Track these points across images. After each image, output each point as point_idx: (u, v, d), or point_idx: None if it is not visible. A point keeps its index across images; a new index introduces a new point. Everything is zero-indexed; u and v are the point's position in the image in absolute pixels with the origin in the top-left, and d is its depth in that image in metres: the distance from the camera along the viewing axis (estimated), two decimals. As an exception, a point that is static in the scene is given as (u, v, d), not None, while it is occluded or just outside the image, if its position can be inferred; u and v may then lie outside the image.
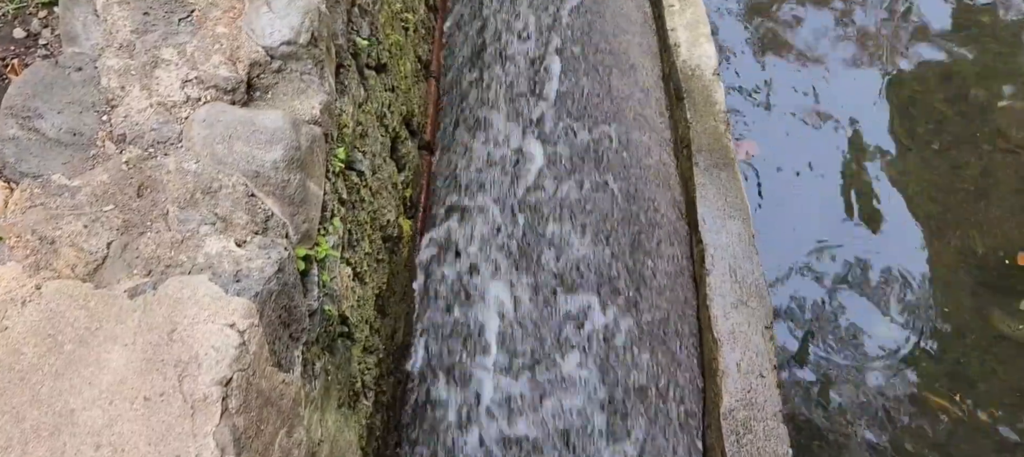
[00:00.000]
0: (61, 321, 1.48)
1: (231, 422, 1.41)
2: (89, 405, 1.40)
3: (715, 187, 3.05)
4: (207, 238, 1.61)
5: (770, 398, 2.50)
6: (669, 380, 2.69)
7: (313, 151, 1.86)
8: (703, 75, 3.39)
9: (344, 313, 2.10)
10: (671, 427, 2.60)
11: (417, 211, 3.11)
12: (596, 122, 3.39)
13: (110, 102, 1.78)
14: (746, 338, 2.62)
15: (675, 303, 2.89)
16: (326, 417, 1.90)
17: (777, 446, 2.42)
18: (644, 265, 2.95)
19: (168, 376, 1.42)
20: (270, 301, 1.58)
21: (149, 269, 1.56)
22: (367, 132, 2.46)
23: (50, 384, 1.42)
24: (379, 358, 2.45)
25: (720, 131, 3.22)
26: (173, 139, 1.74)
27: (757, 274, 2.79)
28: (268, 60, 1.88)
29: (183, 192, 1.66)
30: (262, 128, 1.76)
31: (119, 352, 1.45)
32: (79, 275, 1.54)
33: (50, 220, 1.60)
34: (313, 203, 1.85)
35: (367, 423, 2.29)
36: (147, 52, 1.85)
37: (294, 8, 1.93)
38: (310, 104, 1.91)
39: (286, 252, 1.66)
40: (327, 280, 1.95)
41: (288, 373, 1.64)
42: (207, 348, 1.45)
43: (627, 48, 3.73)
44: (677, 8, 3.68)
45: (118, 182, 1.67)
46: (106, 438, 1.37)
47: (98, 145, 1.73)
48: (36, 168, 1.68)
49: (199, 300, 1.50)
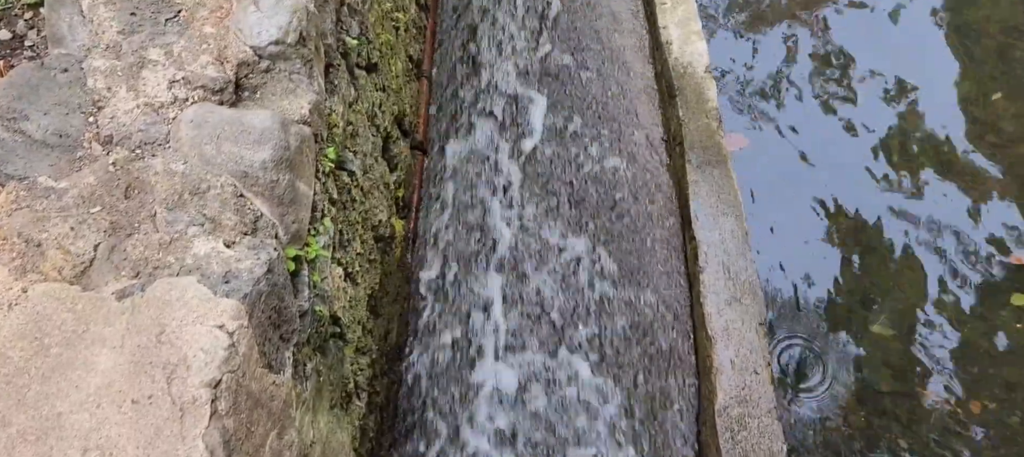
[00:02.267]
0: (48, 324, 1.47)
1: (221, 424, 1.40)
2: (77, 409, 1.38)
3: (708, 184, 3.04)
4: (195, 239, 1.60)
5: (764, 395, 2.50)
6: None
7: (302, 151, 1.85)
8: (695, 73, 3.39)
9: (336, 314, 2.08)
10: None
11: (409, 211, 3.10)
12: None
13: (97, 103, 1.77)
14: (740, 335, 2.62)
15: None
16: (318, 418, 1.89)
17: (772, 443, 2.42)
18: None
19: (156, 379, 1.41)
20: (260, 302, 1.57)
21: (137, 271, 1.55)
22: (358, 132, 2.45)
23: (37, 388, 1.40)
24: (372, 359, 2.44)
25: (712, 128, 3.21)
26: (161, 140, 1.72)
27: (751, 271, 2.79)
28: (256, 60, 1.86)
29: (171, 193, 1.65)
30: (251, 128, 1.75)
31: (107, 355, 1.44)
32: (66, 277, 1.53)
33: (36, 222, 1.58)
34: (303, 203, 1.84)
35: (360, 424, 2.28)
36: (134, 53, 1.84)
37: (282, 7, 1.91)
38: (299, 104, 1.90)
39: (276, 253, 1.65)
40: (318, 280, 1.94)
41: (279, 374, 1.63)
42: (196, 350, 1.43)
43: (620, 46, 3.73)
44: (669, 5, 3.68)
45: (105, 184, 1.65)
46: (94, 442, 1.35)
47: (85, 147, 1.71)
48: (22, 170, 1.66)
49: (187, 302, 1.49)
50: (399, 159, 2.95)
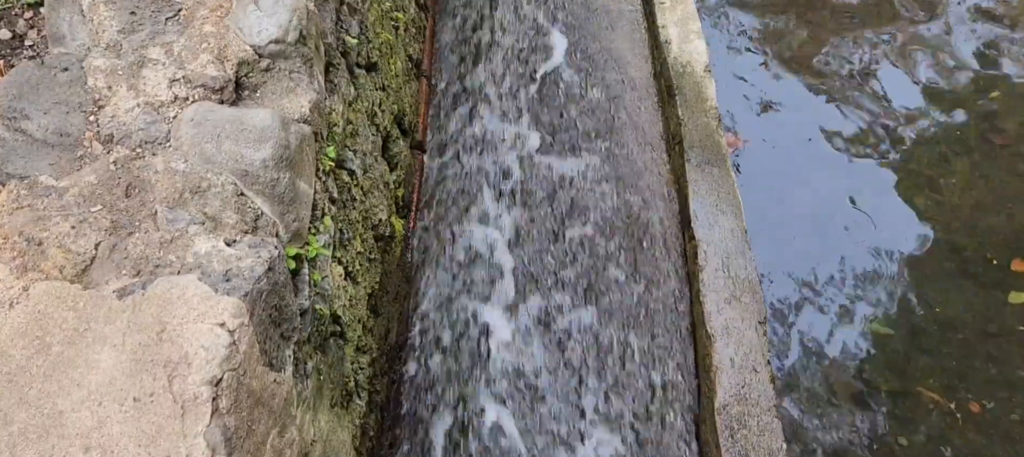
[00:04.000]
0: (49, 323, 1.47)
1: (222, 422, 1.40)
2: (78, 407, 1.38)
3: (707, 183, 3.05)
4: (196, 238, 1.60)
5: (764, 393, 2.50)
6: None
7: (302, 150, 1.85)
8: (695, 71, 3.39)
9: (336, 312, 2.09)
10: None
11: (409, 210, 3.10)
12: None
13: (97, 102, 1.77)
14: (739, 333, 2.62)
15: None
16: (319, 417, 1.89)
17: (772, 441, 2.42)
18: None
19: (158, 377, 1.41)
20: (260, 300, 1.57)
21: (138, 269, 1.55)
22: (358, 131, 2.45)
23: (38, 386, 1.41)
24: (372, 357, 2.44)
25: (712, 127, 3.22)
26: (161, 139, 1.72)
27: (750, 269, 2.79)
28: (256, 59, 1.87)
29: (172, 192, 1.65)
30: (251, 127, 1.75)
31: (108, 353, 1.44)
32: (67, 276, 1.53)
33: (37, 221, 1.58)
34: (303, 202, 1.84)
35: (361, 423, 2.28)
36: (134, 52, 1.84)
37: (282, 6, 1.92)
38: (299, 103, 1.90)
39: (276, 251, 1.65)
40: (318, 279, 1.94)
41: (279, 373, 1.63)
42: (197, 348, 1.44)
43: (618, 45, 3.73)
44: (668, 5, 3.68)
45: (106, 182, 1.65)
46: (95, 440, 1.35)
47: (85, 145, 1.72)
48: (23, 169, 1.66)
49: (188, 300, 1.49)
50: (399, 158, 2.95)
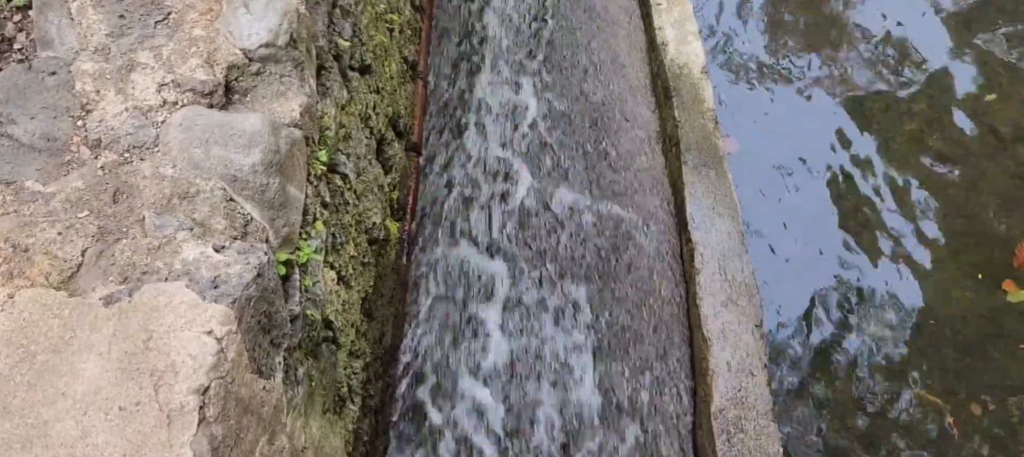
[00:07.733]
0: (34, 330, 1.45)
1: (209, 431, 1.38)
2: (62, 416, 1.37)
3: (704, 185, 3.03)
4: (184, 244, 1.58)
5: (761, 397, 2.48)
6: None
7: (293, 154, 1.84)
8: (691, 73, 3.38)
9: (328, 317, 2.07)
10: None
11: (404, 213, 3.08)
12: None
13: (85, 107, 1.75)
14: (736, 337, 2.61)
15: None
16: (310, 423, 1.87)
17: (768, 444, 2.40)
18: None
19: (144, 385, 1.39)
20: (249, 307, 1.55)
21: (125, 276, 1.53)
22: (351, 134, 2.43)
23: (22, 395, 1.39)
24: (366, 362, 2.42)
25: (709, 129, 3.20)
26: (149, 143, 1.71)
27: (747, 272, 2.78)
28: (246, 62, 1.85)
29: (160, 197, 1.64)
30: (240, 131, 1.73)
31: (94, 361, 1.42)
32: (53, 283, 1.51)
33: (23, 227, 1.56)
34: (294, 207, 1.82)
35: (354, 429, 2.26)
36: (123, 55, 1.82)
37: (272, 10, 1.90)
38: (290, 107, 1.88)
39: (266, 257, 1.63)
40: (309, 284, 1.92)
41: (269, 380, 1.62)
42: (184, 356, 1.42)
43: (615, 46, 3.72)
44: (664, 6, 3.67)
45: (93, 188, 1.64)
46: (80, 450, 1.34)
47: (73, 150, 1.70)
48: (9, 174, 1.64)
49: (176, 307, 1.48)
50: (394, 161, 2.93)
